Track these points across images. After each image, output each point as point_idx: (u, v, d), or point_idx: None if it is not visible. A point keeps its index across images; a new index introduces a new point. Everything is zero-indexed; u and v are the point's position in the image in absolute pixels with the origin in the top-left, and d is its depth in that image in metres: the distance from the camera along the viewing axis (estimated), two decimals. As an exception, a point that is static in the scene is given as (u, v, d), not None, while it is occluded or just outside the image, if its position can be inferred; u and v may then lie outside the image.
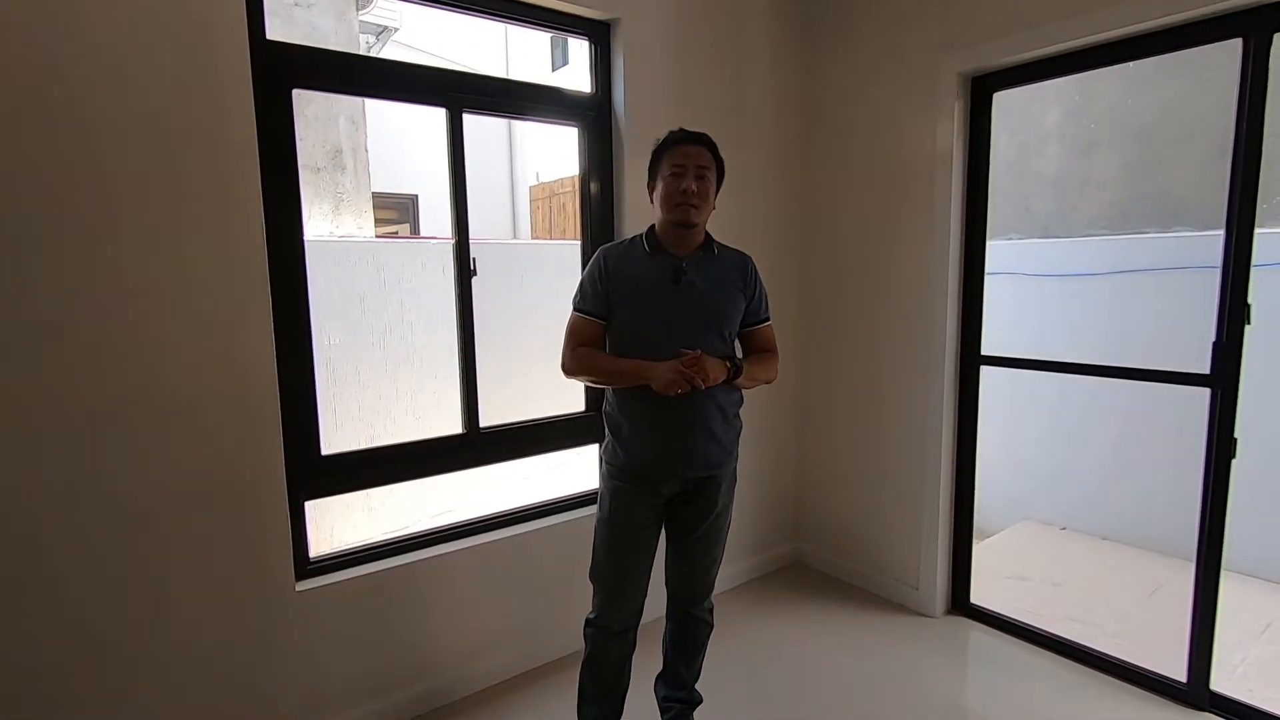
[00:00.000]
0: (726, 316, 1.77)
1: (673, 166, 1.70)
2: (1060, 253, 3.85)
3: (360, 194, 4.31)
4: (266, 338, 1.81)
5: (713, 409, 1.72)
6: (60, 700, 1.63)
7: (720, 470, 1.78)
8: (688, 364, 1.61)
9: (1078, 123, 3.99)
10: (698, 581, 1.89)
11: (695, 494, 1.78)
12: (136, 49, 1.59)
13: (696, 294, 1.72)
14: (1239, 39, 1.93)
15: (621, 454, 1.76)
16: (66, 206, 1.54)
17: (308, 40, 3.47)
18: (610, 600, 1.82)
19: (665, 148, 1.74)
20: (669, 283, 1.71)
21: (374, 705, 2.07)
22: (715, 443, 1.74)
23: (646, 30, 2.49)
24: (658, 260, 1.74)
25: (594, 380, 1.79)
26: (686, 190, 1.68)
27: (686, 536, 1.84)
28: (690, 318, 1.71)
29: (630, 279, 1.72)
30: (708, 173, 1.72)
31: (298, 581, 1.94)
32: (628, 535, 1.78)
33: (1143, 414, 3.45)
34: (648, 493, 1.75)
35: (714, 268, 1.77)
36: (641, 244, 1.77)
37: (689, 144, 1.72)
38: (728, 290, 1.77)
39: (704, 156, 1.71)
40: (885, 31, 2.68)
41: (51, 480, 1.57)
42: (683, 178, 1.68)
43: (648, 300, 1.71)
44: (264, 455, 1.83)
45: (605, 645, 1.83)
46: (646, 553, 1.81)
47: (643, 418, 1.72)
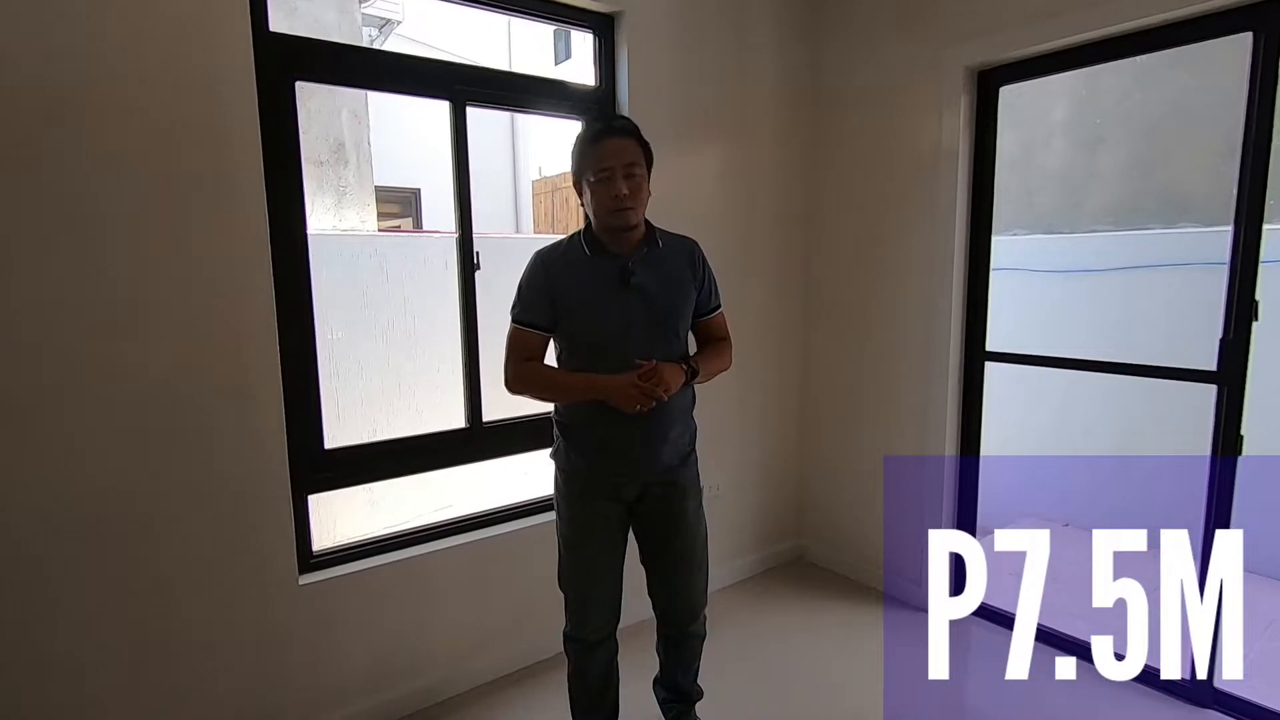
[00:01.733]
0: (679, 314, 1.68)
1: (599, 171, 1.54)
2: (1065, 249, 3.83)
3: (363, 188, 4.30)
4: (269, 331, 1.80)
5: (665, 417, 1.64)
6: (61, 698, 1.63)
7: (678, 474, 1.72)
8: (645, 378, 1.54)
9: (1083, 118, 3.97)
10: (683, 599, 1.81)
11: (659, 500, 1.71)
12: (138, 40, 1.58)
13: (646, 296, 1.62)
14: (1249, 33, 1.91)
15: (576, 458, 1.68)
16: (67, 199, 1.53)
17: (310, 33, 3.45)
18: (583, 610, 1.75)
19: (585, 145, 1.58)
20: (616, 285, 1.60)
21: (373, 700, 2.07)
22: (669, 444, 1.68)
23: (650, 23, 2.48)
24: (601, 263, 1.61)
25: (542, 397, 1.69)
26: (618, 195, 1.53)
27: (662, 556, 1.77)
28: (643, 321, 1.61)
29: (575, 286, 1.61)
30: (637, 169, 1.57)
31: (301, 575, 1.94)
32: (591, 540, 1.71)
33: (1147, 410, 3.44)
34: (606, 497, 1.69)
35: (661, 263, 1.66)
36: (580, 246, 1.64)
37: (610, 138, 1.56)
38: (678, 286, 1.67)
39: (629, 151, 1.56)
40: (892, 25, 2.66)
41: (52, 476, 1.57)
42: (612, 182, 1.53)
43: (597, 307, 1.60)
44: (267, 449, 1.83)
45: (587, 657, 1.78)
46: (614, 554, 1.74)
47: (594, 422, 1.63)
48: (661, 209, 2.40)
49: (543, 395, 1.69)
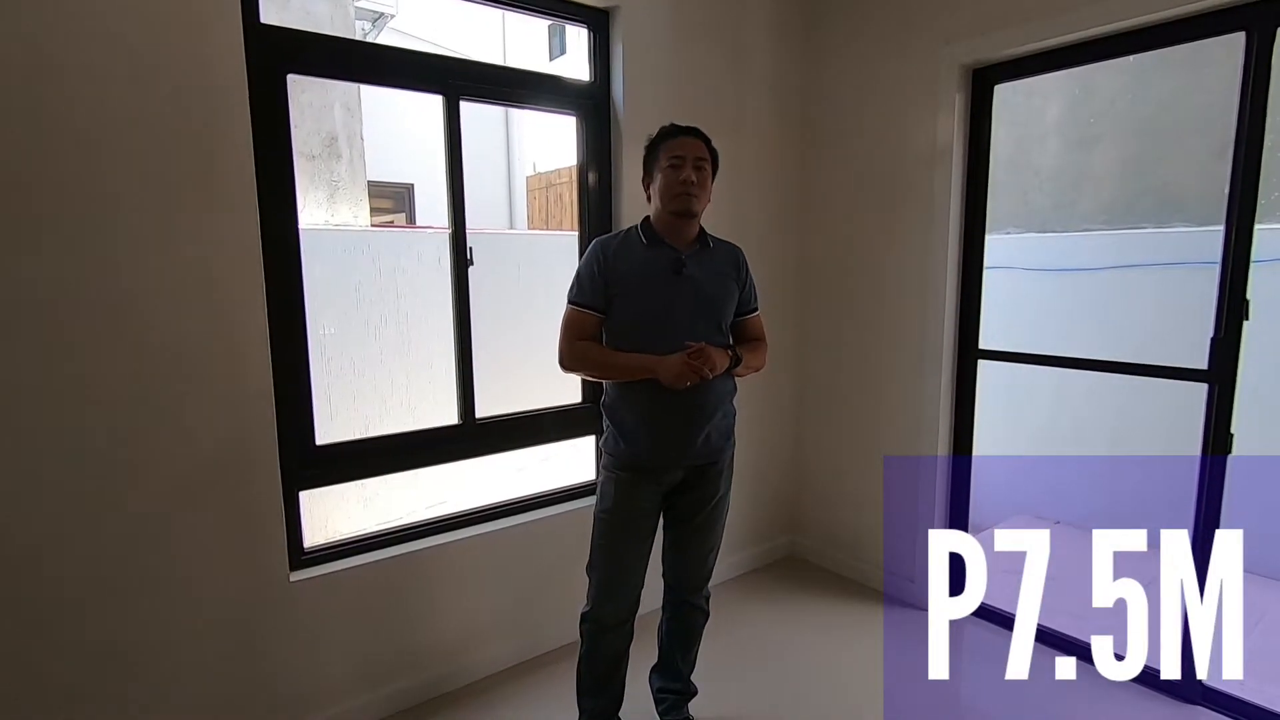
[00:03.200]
0: (724, 307, 1.79)
1: (670, 158, 1.71)
2: (1058, 247, 3.85)
3: (356, 182, 4.28)
4: (260, 327, 1.79)
5: (712, 397, 1.74)
6: (48, 696, 1.62)
7: (721, 454, 1.81)
8: (694, 356, 1.63)
9: (1076, 117, 3.98)
10: (695, 569, 1.91)
11: (697, 481, 1.80)
12: (127, 32, 1.56)
13: (696, 285, 1.74)
14: (1241, 32, 1.92)
15: (624, 445, 1.76)
16: (54, 194, 1.51)
17: (303, 25, 3.43)
18: (607, 592, 1.81)
19: (661, 140, 1.76)
20: (669, 274, 1.72)
21: (371, 695, 2.07)
22: (716, 429, 1.77)
23: (646, 18, 2.47)
24: (656, 252, 1.74)
25: (595, 375, 1.78)
26: (686, 180, 1.69)
27: (686, 524, 1.86)
28: (691, 309, 1.72)
29: (630, 271, 1.72)
30: (705, 164, 1.74)
31: (292, 572, 1.93)
32: (630, 526, 1.78)
33: (1138, 409, 3.46)
34: (650, 482, 1.76)
35: (710, 260, 1.79)
36: (638, 236, 1.77)
37: (685, 136, 1.74)
38: (724, 282, 1.80)
39: (700, 148, 1.74)
40: (887, 22, 2.66)
41: (43, 474, 1.55)
42: (681, 169, 1.70)
43: (649, 292, 1.72)
44: (258, 445, 1.82)
45: (601, 640, 1.83)
46: (646, 542, 1.82)
47: (645, 408, 1.73)
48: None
49: (595, 372, 1.77)
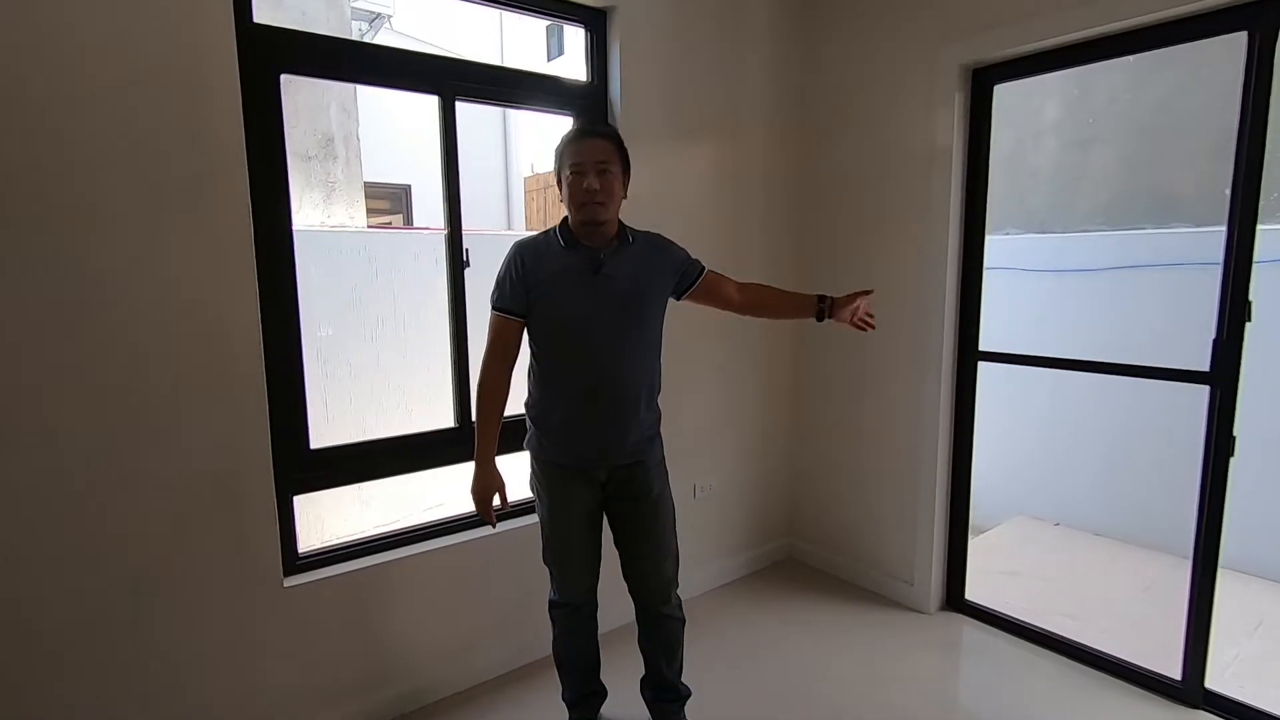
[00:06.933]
0: (648, 302, 1.77)
1: (572, 166, 1.67)
2: (1057, 248, 3.83)
3: (352, 183, 4.25)
4: (254, 330, 1.77)
5: (631, 399, 1.75)
6: (40, 702, 1.59)
7: (645, 453, 1.81)
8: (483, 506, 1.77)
9: (1075, 117, 3.97)
10: (653, 579, 1.89)
11: (626, 481, 1.80)
12: (118, 32, 1.54)
13: (616, 285, 1.72)
14: (1244, 32, 1.90)
15: (549, 446, 1.78)
16: (43, 197, 1.49)
17: (297, 25, 3.41)
18: (565, 572, 1.86)
19: (564, 146, 1.71)
20: (589, 275, 1.70)
21: (360, 704, 2.04)
22: (637, 429, 1.77)
23: (643, 18, 2.45)
24: (575, 254, 1.72)
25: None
26: (589, 189, 1.65)
27: (630, 534, 1.86)
28: (612, 308, 1.71)
29: (549, 274, 1.71)
30: (610, 167, 1.68)
31: (286, 577, 1.91)
32: (568, 516, 1.81)
33: (1139, 410, 3.45)
34: (581, 479, 1.78)
35: (632, 256, 1.76)
36: (557, 239, 1.74)
37: (586, 139, 1.69)
38: (649, 277, 1.77)
39: (603, 150, 1.68)
40: (886, 22, 2.64)
41: (34, 477, 1.53)
42: (583, 176, 1.66)
43: (568, 294, 1.70)
44: (251, 449, 1.80)
45: (570, 618, 1.90)
46: (593, 531, 1.86)
47: (564, 410, 1.75)
48: (652, 205, 2.39)
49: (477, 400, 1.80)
